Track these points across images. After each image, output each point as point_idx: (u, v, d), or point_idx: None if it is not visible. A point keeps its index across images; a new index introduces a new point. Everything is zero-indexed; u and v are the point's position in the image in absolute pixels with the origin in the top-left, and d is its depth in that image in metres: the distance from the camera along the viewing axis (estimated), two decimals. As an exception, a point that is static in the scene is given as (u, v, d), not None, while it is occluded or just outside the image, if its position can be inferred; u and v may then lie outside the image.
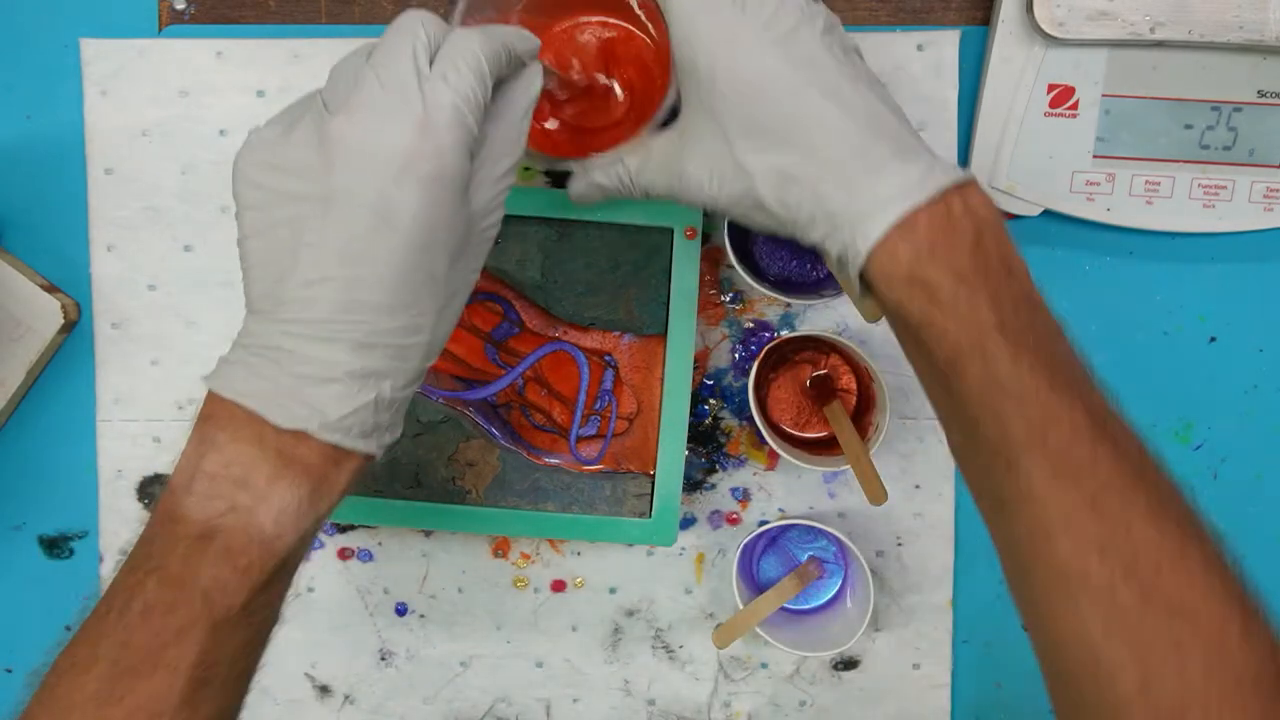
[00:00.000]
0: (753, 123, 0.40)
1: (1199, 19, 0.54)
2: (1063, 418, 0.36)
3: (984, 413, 0.37)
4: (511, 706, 0.61)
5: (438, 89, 0.35)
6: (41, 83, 0.58)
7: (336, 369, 0.35)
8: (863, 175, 0.38)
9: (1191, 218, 0.57)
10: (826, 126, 0.39)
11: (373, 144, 0.35)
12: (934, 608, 0.60)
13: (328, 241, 0.35)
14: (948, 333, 0.37)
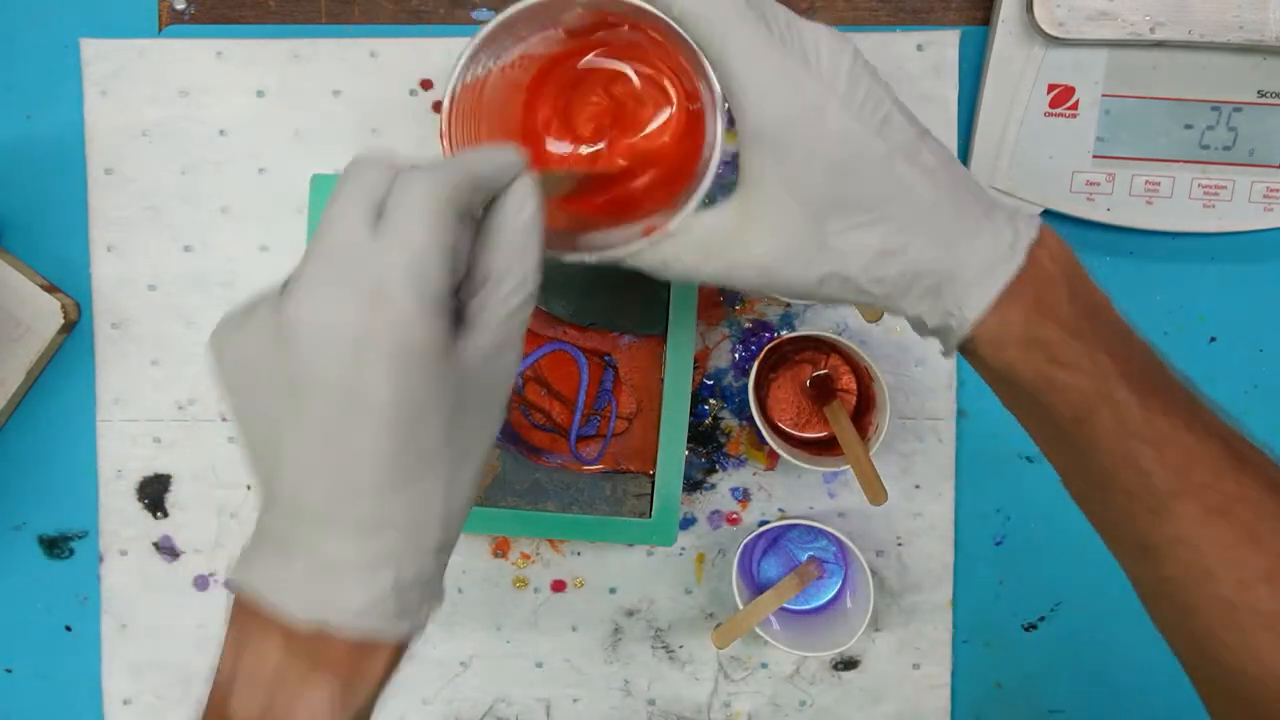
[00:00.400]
0: (843, 200, 0.37)
1: (1199, 19, 0.54)
2: (1203, 455, 0.35)
3: (1120, 462, 0.36)
4: (511, 706, 0.61)
5: (388, 250, 0.31)
6: (41, 83, 0.58)
7: (344, 557, 0.32)
8: (960, 241, 0.37)
9: (1191, 218, 0.57)
10: (919, 195, 0.37)
11: (325, 324, 0.31)
12: (934, 608, 0.60)
13: (305, 429, 0.32)
14: (1071, 389, 0.36)
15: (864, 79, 0.37)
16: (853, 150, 0.36)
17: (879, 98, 0.37)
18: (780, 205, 0.38)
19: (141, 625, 0.60)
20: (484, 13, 0.59)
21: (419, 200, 0.31)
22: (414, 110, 0.58)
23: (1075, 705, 0.61)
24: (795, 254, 0.38)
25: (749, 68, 0.37)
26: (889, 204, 0.37)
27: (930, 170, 0.37)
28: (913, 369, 0.59)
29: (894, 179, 0.37)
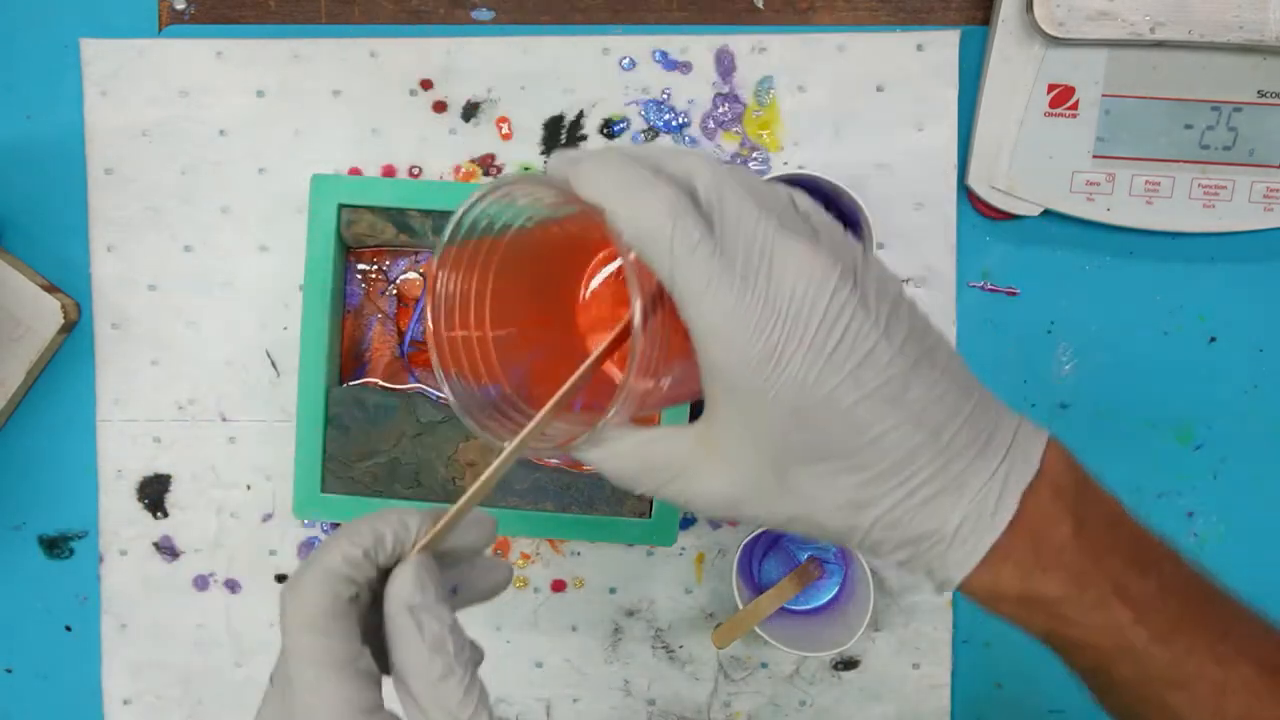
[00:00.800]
0: (806, 448, 0.34)
1: (1199, 19, 0.54)
2: (1235, 684, 0.34)
3: (1144, 702, 0.35)
4: (511, 706, 0.61)
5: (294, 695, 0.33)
6: (41, 83, 0.58)
7: None
8: (942, 495, 0.34)
9: (1191, 218, 0.57)
10: (894, 444, 0.33)
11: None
12: (934, 608, 0.60)
13: None
14: (1083, 645, 0.34)
15: (845, 316, 0.33)
16: (816, 398, 0.33)
17: (862, 335, 0.33)
18: (741, 442, 0.35)
19: (141, 625, 0.60)
20: (484, 13, 0.59)
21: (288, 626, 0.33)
22: (414, 110, 0.58)
23: (1075, 705, 0.61)
24: (759, 493, 0.35)
25: (697, 306, 0.33)
26: (859, 454, 0.33)
27: (917, 409, 0.33)
28: (913, 369, 0.59)
29: (863, 429, 0.33)
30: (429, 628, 0.33)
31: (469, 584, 0.38)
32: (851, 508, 0.34)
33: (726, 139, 0.59)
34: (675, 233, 0.33)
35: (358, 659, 0.33)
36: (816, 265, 0.33)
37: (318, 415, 0.55)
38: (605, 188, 0.33)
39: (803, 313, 0.32)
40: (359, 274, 0.57)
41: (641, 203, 0.33)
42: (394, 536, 0.34)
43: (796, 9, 0.59)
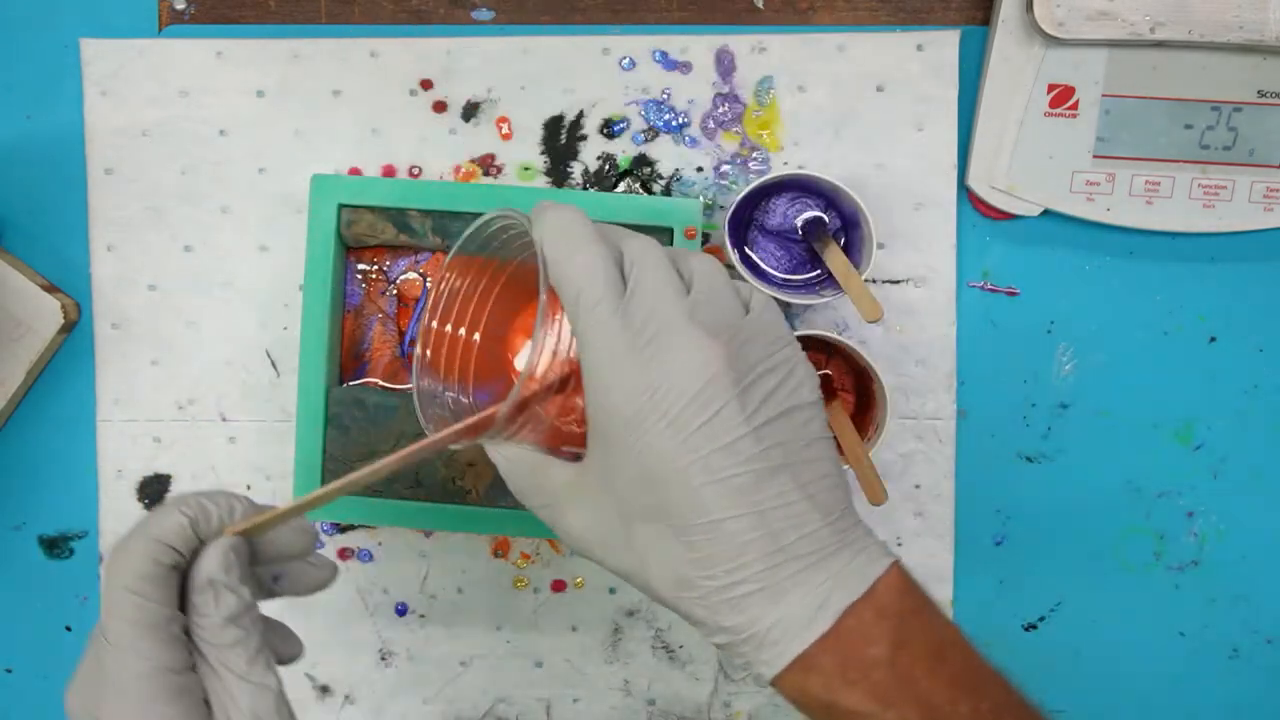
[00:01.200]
0: (649, 511, 0.37)
1: (1199, 19, 0.54)
2: None
3: None
4: (511, 706, 0.61)
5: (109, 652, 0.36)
6: (41, 83, 0.58)
7: None
8: (764, 596, 0.36)
9: (1191, 218, 0.57)
10: (730, 532, 0.36)
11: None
12: (934, 608, 0.60)
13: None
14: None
15: (715, 405, 0.36)
16: (668, 469, 0.36)
17: (727, 427, 0.36)
18: (601, 489, 0.38)
19: (141, 625, 0.60)
20: (484, 13, 0.59)
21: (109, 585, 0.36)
22: (414, 110, 0.58)
23: (1075, 705, 0.61)
24: (607, 541, 0.39)
25: (590, 353, 0.37)
26: (695, 533, 0.36)
27: (761, 510, 0.36)
28: (913, 369, 0.59)
29: (704, 511, 0.36)
30: (225, 601, 0.37)
31: (293, 576, 0.42)
32: (679, 581, 0.37)
33: (726, 139, 0.59)
34: (585, 285, 0.37)
35: (170, 622, 0.36)
36: (701, 353, 0.36)
37: (318, 415, 0.55)
38: (549, 233, 0.38)
39: (674, 391, 0.36)
40: (359, 274, 0.57)
41: (570, 251, 0.38)
42: (219, 516, 0.38)
43: (796, 9, 0.59)
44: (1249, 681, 0.61)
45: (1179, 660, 0.61)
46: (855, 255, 0.56)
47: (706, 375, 0.36)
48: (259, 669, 0.37)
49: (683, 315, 0.37)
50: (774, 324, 0.39)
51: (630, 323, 0.37)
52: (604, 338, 0.37)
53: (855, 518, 0.38)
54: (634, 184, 0.59)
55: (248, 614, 0.38)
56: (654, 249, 0.39)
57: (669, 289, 0.38)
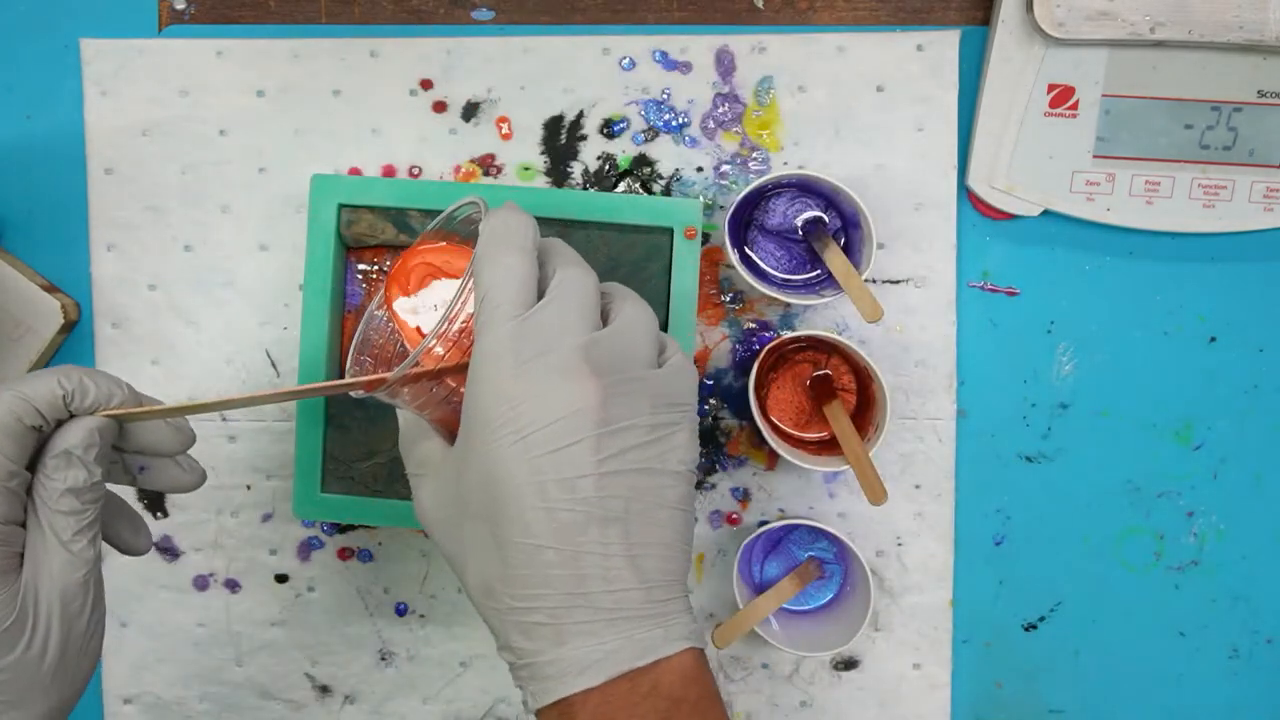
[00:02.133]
0: (484, 513, 0.38)
1: (1199, 19, 0.54)
2: None
3: None
4: (512, 707, 0.61)
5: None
6: (41, 83, 0.58)
7: None
8: (549, 632, 0.37)
9: (1191, 218, 0.57)
10: (543, 567, 0.37)
11: None
12: (934, 608, 0.60)
13: None
14: None
15: (568, 439, 0.37)
16: (506, 483, 0.37)
17: (573, 463, 0.37)
18: (454, 473, 0.40)
19: (141, 625, 0.60)
20: (484, 13, 0.59)
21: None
22: (414, 110, 0.58)
23: (1075, 705, 0.61)
24: (444, 524, 0.41)
25: (477, 351, 0.39)
26: (511, 550, 0.37)
27: (579, 552, 0.37)
28: (913, 369, 0.59)
29: (526, 533, 0.37)
30: (73, 474, 0.39)
31: (158, 471, 0.43)
32: (486, 589, 0.38)
33: (726, 139, 0.59)
34: (495, 287, 0.39)
35: (11, 477, 0.38)
36: (574, 386, 0.37)
37: (318, 415, 0.55)
38: (489, 230, 0.40)
39: (535, 411, 0.37)
40: (359, 274, 0.57)
41: (497, 252, 0.39)
42: (95, 396, 0.39)
43: (796, 9, 0.59)
44: (1249, 681, 0.61)
45: (1179, 660, 0.61)
46: (855, 255, 0.56)
47: (571, 408, 0.37)
48: (82, 542, 0.39)
49: (574, 346, 0.38)
50: (677, 387, 0.40)
51: (523, 335, 0.38)
52: (493, 341, 0.38)
53: (680, 595, 0.39)
54: (634, 184, 0.59)
55: (91, 491, 0.39)
56: (583, 281, 0.40)
57: (574, 318, 0.39)
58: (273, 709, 0.61)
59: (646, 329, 0.40)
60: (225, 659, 0.61)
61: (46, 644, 0.38)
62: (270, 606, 0.60)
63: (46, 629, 0.39)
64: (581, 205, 0.54)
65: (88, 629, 0.40)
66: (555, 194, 0.55)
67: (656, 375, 0.39)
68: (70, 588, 0.39)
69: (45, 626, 0.39)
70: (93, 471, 0.39)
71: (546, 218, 0.55)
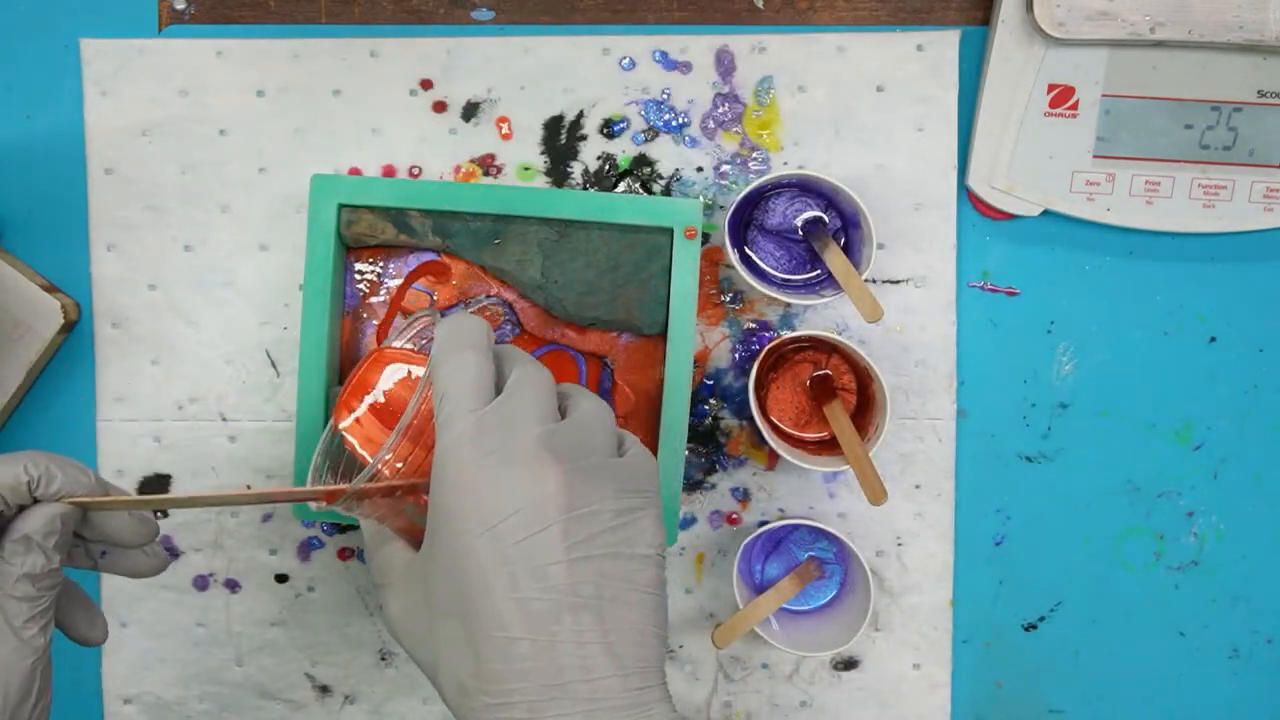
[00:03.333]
0: (453, 609, 0.38)
1: (1199, 19, 0.54)
2: None
3: None
4: (511, 706, 0.61)
5: None
6: (41, 83, 0.58)
7: None
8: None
9: (1191, 218, 0.57)
10: (517, 658, 0.36)
11: None
12: (934, 608, 0.60)
13: None
14: None
15: (535, 527, 0.36)
16: (475, 576, 0.36)
17: (541, 552, 0.36)
18: (419, 576, 0.40)
19: (141, 625, 0.60)
20: (484, 13, 0.59)
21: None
22: (414, 110, 0.58)
23: (1075, 705, 0.61)
24: (412, 629, 0.40)
25: (439, 447, 0.38)
26: (483, 643, 0.36)
27: (553, 642, 0.36)
28: (913, 369, 0.59)
29: (499, 624, 0.36)
30: (31, 560, 0.39)
31: (118, 556, 0.43)
32: (460, 688, 0.37)
33: (726, 139, 0.59)
34: (452, 382, 0.39)
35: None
36: (537, 472, 0.37)
37: (318, 415, 0.55)
38: (442, 333, 0.40)
39: (500, 501, 0.36)
40: (358, 274, 0.57)
41: (451, 351, 0.40)
42: (61, 481, 0.40)
43: (796, 9, 0.59)
44: (1249, 681, 0.61)
45: (1179, 660, 0.61)
46: (855, 255, 0.56)
47: (536, 494, 0.37)
48: (33, 629, 0.39)
49: (534, 436, 0.38)
50: (638, 473, 0.40)
51: (483, 428, 0.38)
52: (454, 435, 0.38)
53: (658, 682, 0.38)
54: (634, 184, 0.59)
55: (49, 578, 0.39)
56: (540, 376, 0.40)
57: (533, 410, 0.39)
58: (273, 709, 0.61)
59: (604, 422, 0.40)
60: (225, 659, 0.61)
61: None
62: (270, 606, 0.60)
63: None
64: (581, 205, 0.54)
65: (30, 718, 0.39)
66: (555, 194, 0.55)
67: (618, 462, 0.39)
68: (16, 676, 0.38)
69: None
70: (51, 558, 0.39)
71: (546, 218, 0.55)
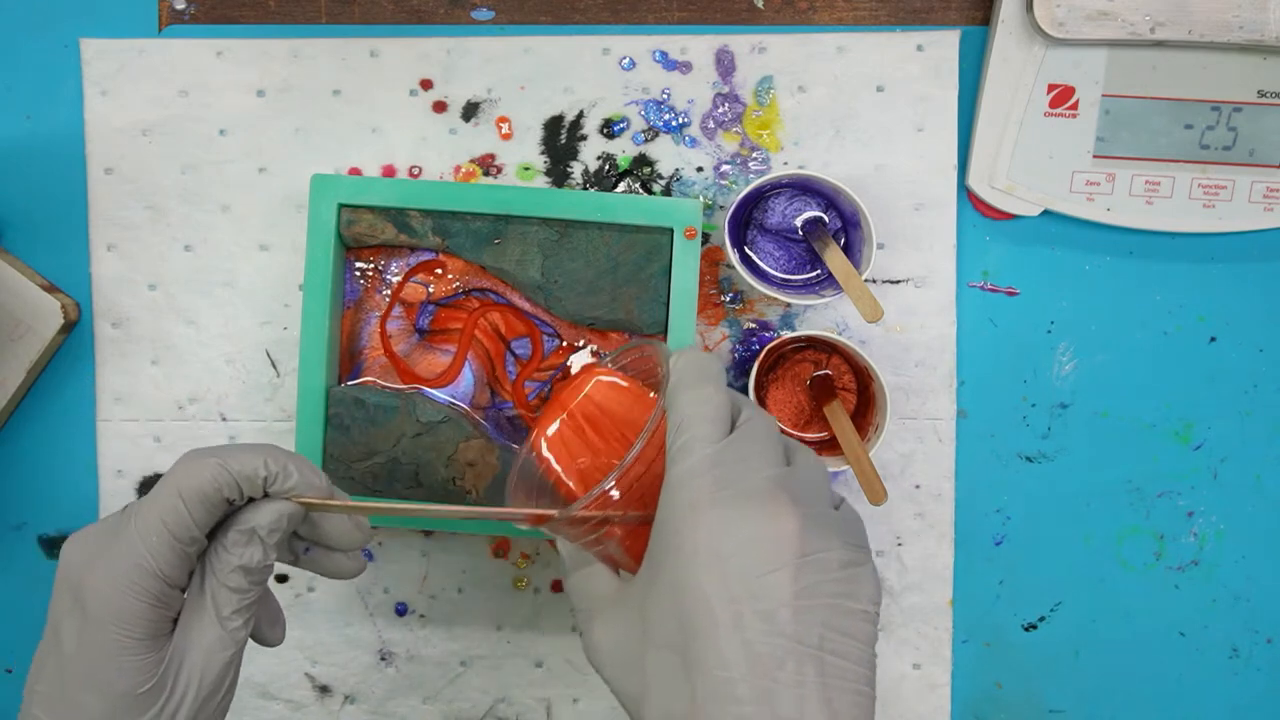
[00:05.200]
0: (674, 641, 0.37)
1: (1199, 19, 0.54)
2: None
3: None
4: (511, 706, 0.61)
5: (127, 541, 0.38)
6: (41, 83, 0.58)
7: None
8: None
9: (1191, 218, 0.57)
10: (736, 700, 0.35)
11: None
12: (934, 608, 0.60)
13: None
14: None
15: (772, 565, 0.36)
16: (702, 613, 0.36)
17: (776, 593, 0.35)
18: (635, 606, 0.39)
19: (141, 625, 0.60)
20: (484, 13, 0.59)
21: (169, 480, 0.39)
22: (414, 110, 0.58)
23: (1075, 705, 0.61)
24: (620, 659, 0.40)
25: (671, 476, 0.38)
26: (703, 680, 0.36)
27: (777, 687, 0.35)
28: (913, 369, 0.59)
29: (721, 664, 0.35)
30: (252, 552, 0.39)
31: (322, 555, 0.44)
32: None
33: (726, 139, 0.59)
34: (694, 413, 0.39)
35: (192, 542, 0.38)
36: (777, 513, 0.37)
37: (318, 415, 0.55)
38: (683, 364, 0.41)
39: (736, 540, 0.36)
40: (357, 272, 0.57)
41: (695, 381, 0.40)
42: (296, 481, 0.40)
43: (796, 9, 0.59)
44: (1249, 681, 0.61)
45: (1179, 660, 0.61)
46: (855, 255, 0.56)
47: (772, 534, 0.36)
48: (237, 622, 0.39)
49: (769, 476, 0.38)
50: (857, 527, 0.40)
51: (720, 461, 0.38)
52: (690, 464, 0.38)
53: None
54: (634, 184, 0.59)
55: (261, 572, 0.40)
56: (770, 421, 0.40)
57: (771, 451, 0.39)
58: (273, 709, 0.61)
59: (825, 472, 0.41)
60: (225, 659, 0.60)
61: (175, 718, 0.38)
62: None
63: (179, 703, 0.38)
64: (581, 205, 0.54)
65: (216, 712, 0.39)
66: (555, 194, 0.55)
67: (841, 515, 0.39)
68: (215, 666, 0.39)
69: (178, 700, 0.38)
70: (268, 554, 0.40)
71: (547, 218, 0.55)
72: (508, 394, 0.57)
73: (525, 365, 0.57)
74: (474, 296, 0.57)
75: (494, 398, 0.57)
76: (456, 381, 0.57)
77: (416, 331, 0.57)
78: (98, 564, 0.38)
